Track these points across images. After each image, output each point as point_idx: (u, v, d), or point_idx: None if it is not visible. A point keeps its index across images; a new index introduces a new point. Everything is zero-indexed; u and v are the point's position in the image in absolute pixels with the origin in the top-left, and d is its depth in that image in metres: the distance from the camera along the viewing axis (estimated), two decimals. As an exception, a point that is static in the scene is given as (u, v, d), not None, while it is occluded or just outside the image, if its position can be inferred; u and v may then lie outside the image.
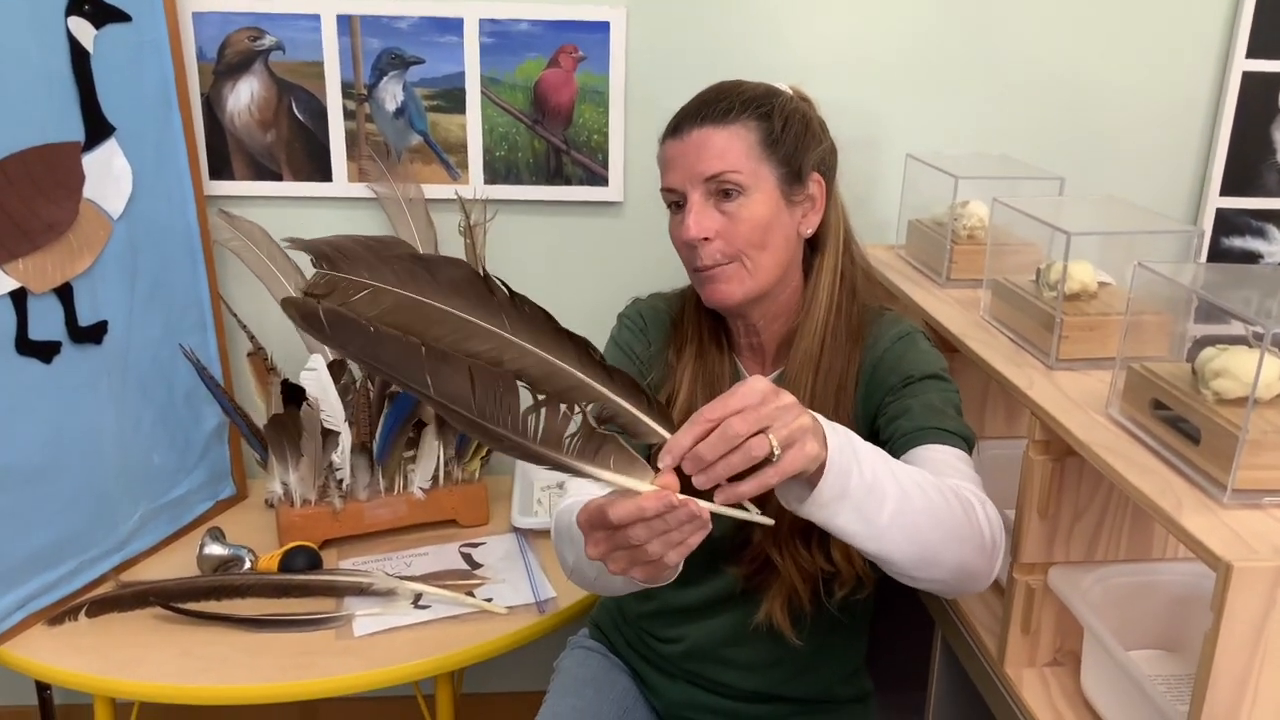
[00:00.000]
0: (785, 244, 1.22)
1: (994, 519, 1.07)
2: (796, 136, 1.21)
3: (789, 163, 1.20)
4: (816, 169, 1.23)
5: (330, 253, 0.84)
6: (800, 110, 1.23)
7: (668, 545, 0.88)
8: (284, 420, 1.64)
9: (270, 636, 1.52)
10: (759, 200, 1.19)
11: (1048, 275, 1.27)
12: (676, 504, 0.86)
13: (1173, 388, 1.01)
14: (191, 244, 1.73)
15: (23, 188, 1.43)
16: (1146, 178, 1.94)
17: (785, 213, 1.21)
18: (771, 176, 1.19)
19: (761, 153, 1.19)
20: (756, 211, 1.19)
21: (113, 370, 1.60)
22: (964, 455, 1.14)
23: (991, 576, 1.08)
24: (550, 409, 0.87)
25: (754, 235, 1.19)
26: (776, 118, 1.20)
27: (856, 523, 0.94)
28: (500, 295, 0.86)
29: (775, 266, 1.22)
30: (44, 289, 1.48)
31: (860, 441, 0.96)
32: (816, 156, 1.23)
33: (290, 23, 1.74)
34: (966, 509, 1.02)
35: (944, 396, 1.19)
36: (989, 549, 1.05)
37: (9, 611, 1.50)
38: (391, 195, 1.82)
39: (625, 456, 0.89)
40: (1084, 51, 1.87)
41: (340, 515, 1.71)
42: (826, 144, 1.26)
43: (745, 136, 1.18)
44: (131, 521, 1.67)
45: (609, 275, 1.91)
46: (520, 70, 1.79)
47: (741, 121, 1.19)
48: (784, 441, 0.86)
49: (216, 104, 1.78)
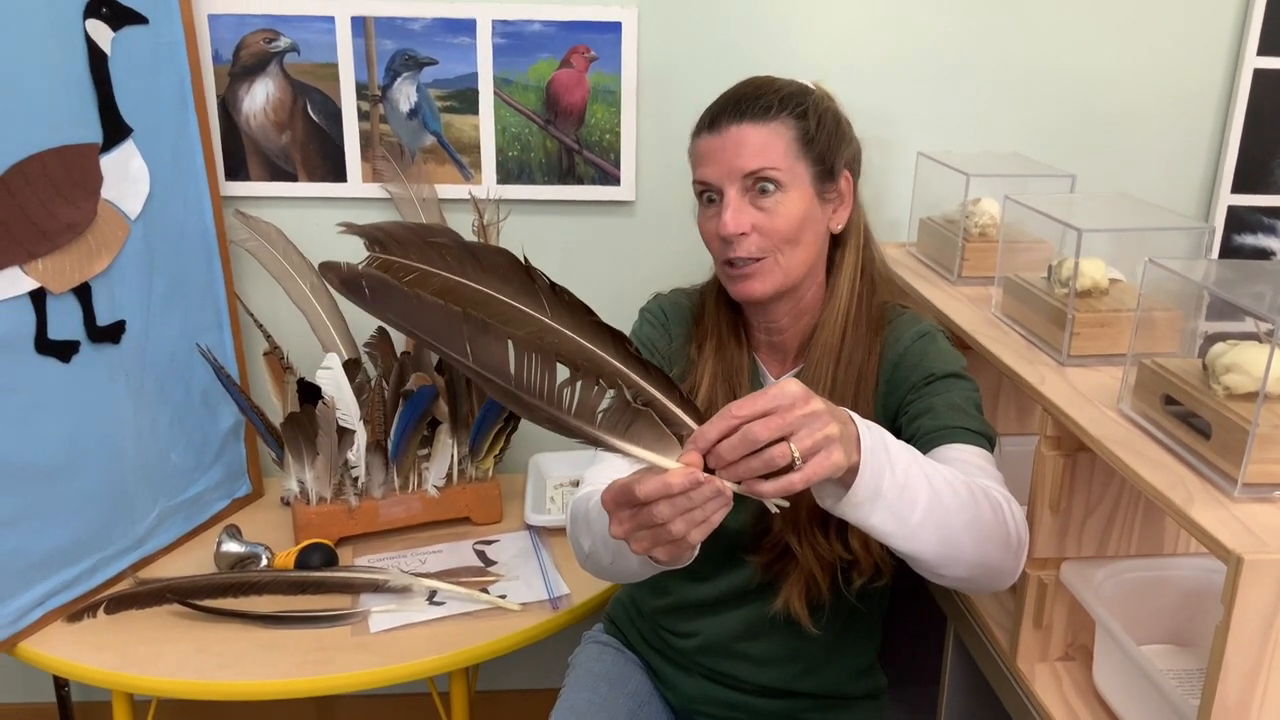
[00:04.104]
0: (815, 240, 1.24)
1: (1019, 517, 1.08)
2: (829, 135, 1.23)
3: (823, 160, 1.22)
4: (848, 166, 1.26)
5: (382, 238, 0.87)
6: (831, 108, 1.25)
7: (691, 523, 0.89)
8: (300, 419, 1.65)
9: (287, 633, 1.53)
10: (795, 197, 1.20)
11: (1059, 272, 1.28)
12: (702, 480, 0.87)
13: (1184, 383, 1.01)
14: (208, 244, 1.75)
15: (42, 189, 1.44)
16: (1158, 175, 1.94)
17: (818, 209, 1.23)
18: (807, 174, 1.21)
19: (798, 150, 1.20)
20: (792, 209, 1.20)
21: (130, 369, 1.61)
22: (986, 454, 1.14)
23: (1016, 574, 1.09)
24: (586, 383, 0.89)
25: (789, 231, 1.20)
26: (812, 115, 1.21)
27: (890, 522, 0.95)
28: (541, 283, 0.89)
29: (804, 262, 1.24)
30: (63, 289, 1.49)
31: (893, 440, 0.97)
32: (848, 154, 1.26)
33: (305, 24, 1.76)
34: (995, 508, 1.03)
35: (966, 395, 1.20)
36: (1015, 547, 1.06)
37: (28, 608, 1.51)
38: (405, 195, 1.83)
39: (656, 432, 0.91)
40: (1095, 49, 1.87)
41: (355, 513, 1.72)
42: (855, 142, 1.28)
43: (784, 134, 1.20)
44: (149, 519, 1.68)
45: (621, 274, 1.92)
46: (533, 71, 1.80)
47: (780, 119, 1.20)
48: (807, 451, 0.87)
49: (232, 105, 1.79)
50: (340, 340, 1.83)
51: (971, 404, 1.20)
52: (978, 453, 1.13)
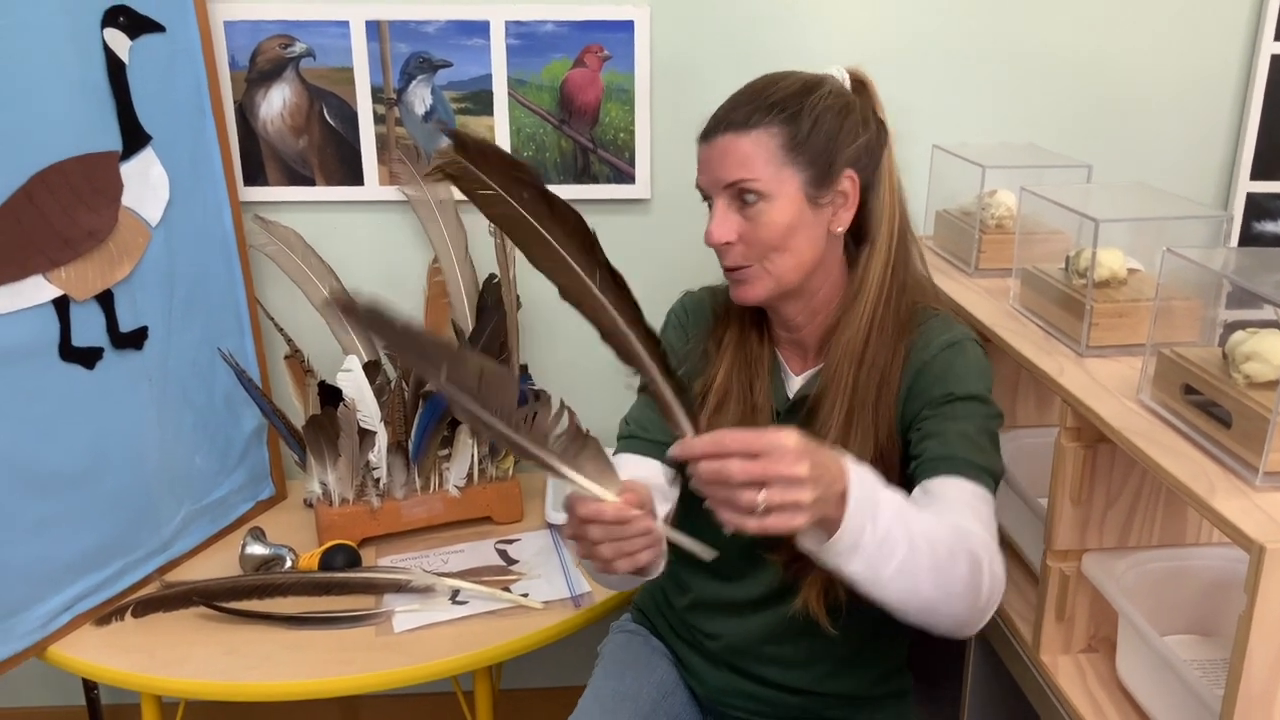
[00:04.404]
0: (810, 245, 1.21)
1: (998, 575, 1.08)
2: (828, 135, 1.18)
3: (816, 163, 1.18)
4: (852, 165, 1.20)
5: (472, 147, 0.91)
6: (837, 105, 1.20)
7: (618, 552, 0.98)
8: (322, 421, 1.66)
9: (312, 634, 1.54)
10: (780, 206, 1.19)
11: (1077, 263, 1.27)
12: (629, 518, 0.94)
13: (1204, 372, 1.01)
14: (228, 249, 1.76)
15: (63, 197, 1.46)
16: (1175, 163, 1.93)
17: (810, 214, 1.20)
18: (796, 179, 1.18)
19: (785, 157, 1.18)
20: (776, 218, 1.19)
21: (153, 375, 1.63)
22: (986, 495, 1.13)
23: (977, 628, 1.10)
24: (543, 408, 0.94)
25: (774, 240, 1.19)
26: (805, 119, 1.18)
27: (864, 572, 0.98)
28: (600, 256, 0.96)
29: (798, 268, 1.22)
30: (85, 296, 1.51)
31: (884, 494, 0.99)
32: (852, 153, 1.20)
33: (320, 29, 1.77)
34: (973, 569, 1.04)
35: (981, 424, 1.17)
36: (982, 607, 1.07)
37: (57, 612, 1.53)
38: (422, 197, 1.84)
39: (601, 464, 0.97)
40: (1110, 37, 1.86)
41: (378, 514, 1.74)
42: (867, 136, 1.22)
43: (767, 143, 1.18)
44: (174, 523, 1.70)
45: (637, 271, 1.88)
46: (546, 71, 1.81)
47: (764, 127, 1.18)
48: (773, 506, 0.89)
49: (249, 111, 1.81)
50: (360, 342, 1.84)
51: (985, 434, 1.17)
52: (976, 492, 1.12)
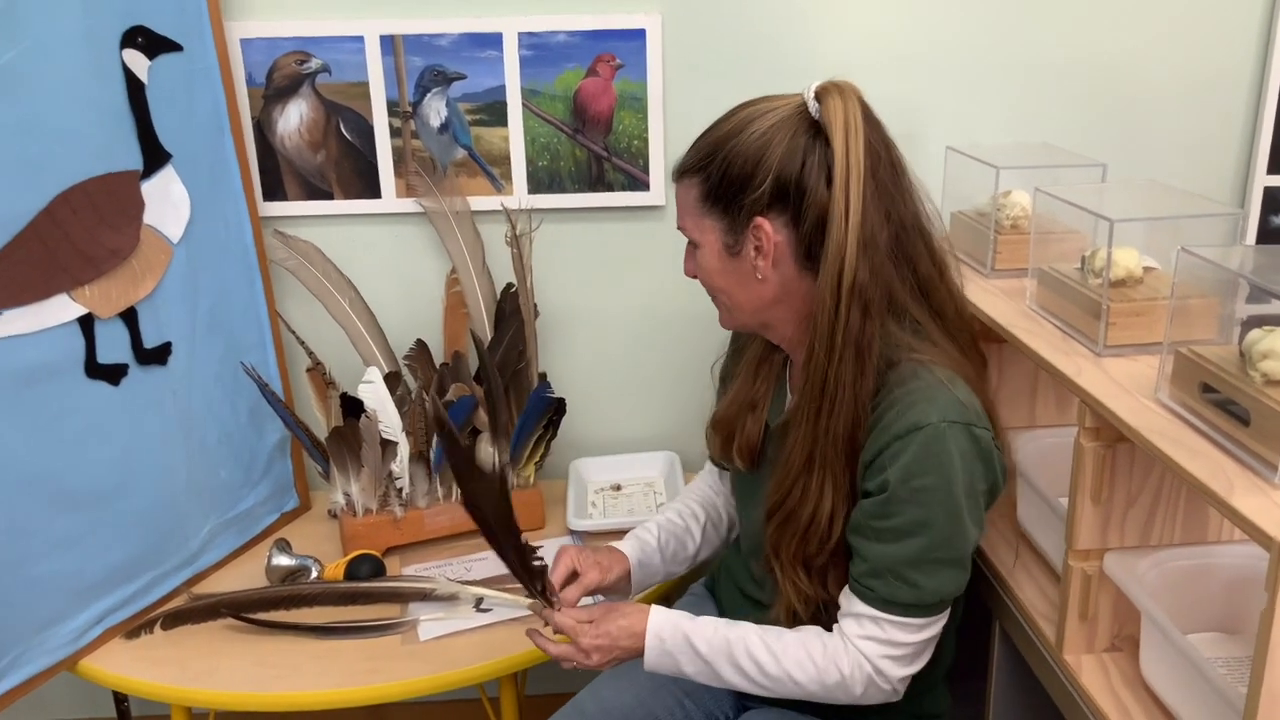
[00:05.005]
0: (745, 289, 1.20)
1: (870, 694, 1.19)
2: (737, 186, 1.15)
3: (728, 213, 1.17)
4: (766, 212, 1.14)
5: None
6: (753, 151, 1.14)
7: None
8: (344, 432, 1.68)
9: (339, 643, 1.56)
10: (705, 253, 1.22)
11: (1093, 262, 1.27)
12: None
13: (1221, 370, 1.01)
14: (249, 265, 1.78)
15: (86, 217, 1.48)
16: (1190, 160, 1.92)
17: (731, 263, 1.20)
18: (716, 228, 1.19)
19: (702, 208, 1.20)
20: (706, 263, 1.23)
21: (178, 390, 1.65)
22: (893, 618, 1.15)
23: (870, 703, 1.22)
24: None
25: (712, 283, 1.24)
26: (715, 171, 1.16)
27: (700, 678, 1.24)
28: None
29: (748, 303, 1.22)
30: (110, 314, 1.53)
31: (686, 645, 1.22)
32: (764, 199, 1.14)
33: (335, 45, 1.79)
34: (828, 691, 1.19)
35: (916, 554, 1.12)
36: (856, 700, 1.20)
37: (88, 626, 1.55)
38: (439, 209, 1.85)
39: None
40: (1122, 35, 1.86)
41: (401, 523, 1.75)
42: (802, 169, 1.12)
43: (688, 194, 1.21)
44: (201, 536, 1.71)
45: (653, 277, 1.93)
46: (559, 81, 1.82)
47: (686, 179, 1.21)
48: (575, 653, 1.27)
49: (267, 127, 1.83)
50: (380, 354, 1.86)
51: (917, 564, 1.12)
52: (876, 618, 1.16)
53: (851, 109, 1.12)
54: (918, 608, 1.15)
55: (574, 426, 1.94)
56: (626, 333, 1.99)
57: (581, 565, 1.36)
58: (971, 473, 1.12)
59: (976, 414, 1.13)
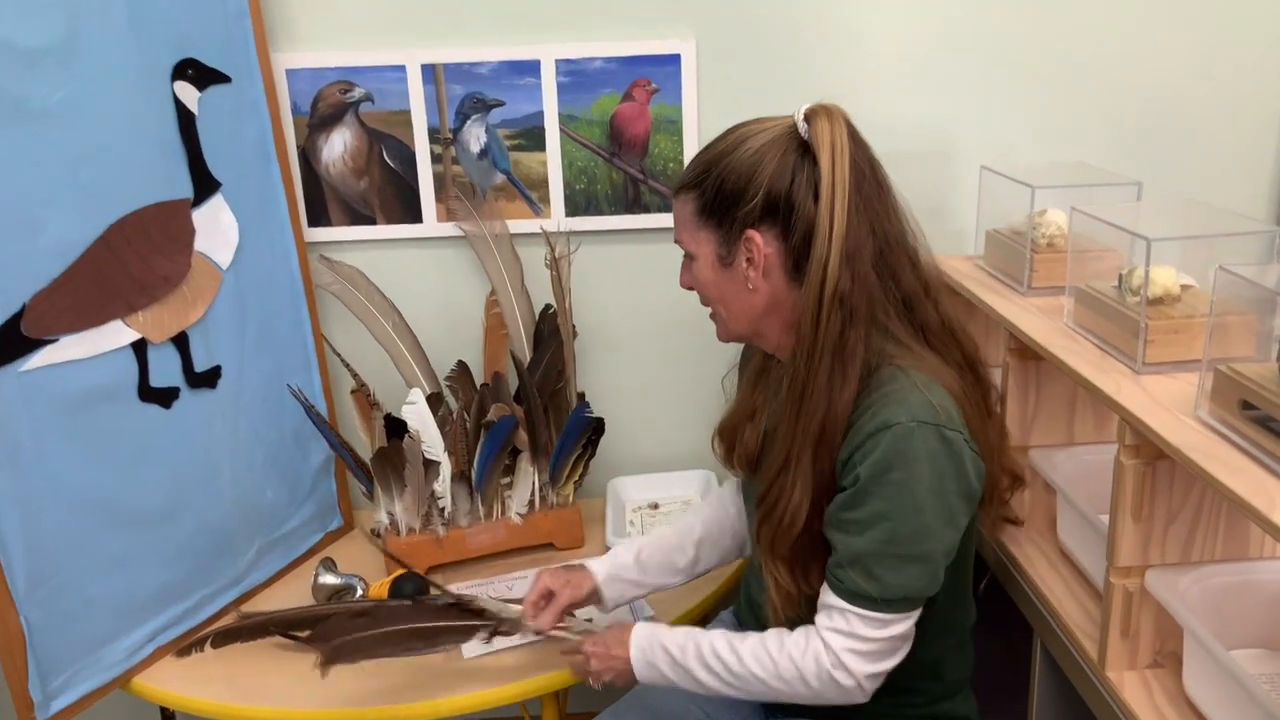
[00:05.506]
0: (738, 300, 1.26)
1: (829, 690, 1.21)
2: (730, 200, 1.21)
3: (721, 226, 1.23)
4: (757, 225, 1.20)
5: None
6: (744, 168, 1.19)
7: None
8: (389, 453, 1.71)
9: (384, 660, 1.57)
10: (700, 265, 1.27)
11: (1130, 280, 1.28)
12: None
13: (1260, 387, 1.02)
14: (295, 289, 1.82)
15: (140, 245, 1.52)
16: (1225, 177, 1.92)
17: (724, 274, 1.26)
18: (710, 241, 1.25)
19: (698, 221, 1.25)
20: (701, 275, 1.28)
21: (226, 412, 1.68)
22: (858, 611, 1.17)
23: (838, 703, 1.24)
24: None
25: (707, 294, 1.30)
26: (710, 185, 1.22)
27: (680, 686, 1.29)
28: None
29: (741, 315, 1.27)
30: (162, 339, 1.57)
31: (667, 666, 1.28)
32: (755, 213, 1.19)
33: (378, 74, 1.83)
34: (791, 685, 1.22)
35: (880, 547, 1.15)
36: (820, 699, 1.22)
37: (140, 644, 1.59)
38: (479, 233, 1.89)
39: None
40: (1157, 53, 1.87)
41: (444, 542, 1.77)
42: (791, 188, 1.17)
43: (685, 208, 1.27)
44: (249, 556, 1.75)
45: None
46: (596, 106, 1.85)
47: (683, 194, 1.27)
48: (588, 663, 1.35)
49: (312, 155, 1.87)
50: (422, 375, 1.89)
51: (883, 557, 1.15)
52: (847, 610, 1.18)
53: (838, 130, 1.17)
54: (881, 602, 1.16)
55: (612, 446, 1.96)
56: (663, 353, 2.01)
57: (555, 585, 1.45)
58: (940, 473, 1.14)
59: (949, 416, 1.15)
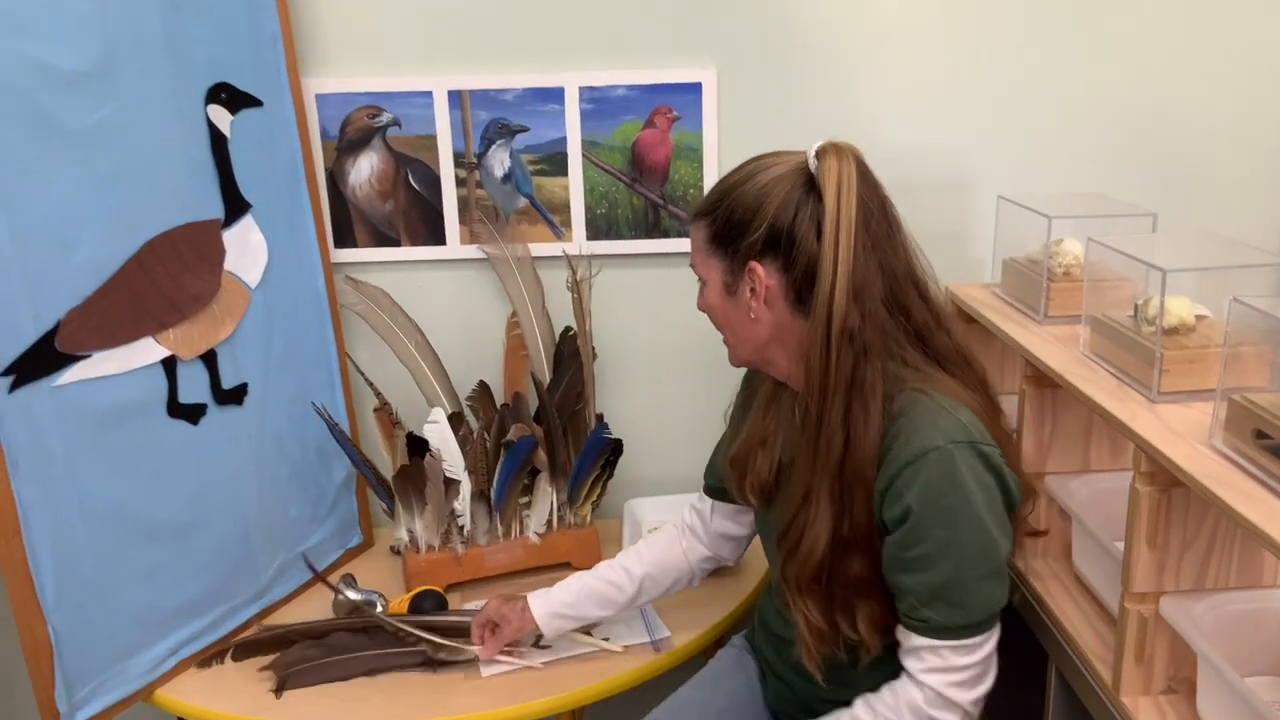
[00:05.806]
0: (745, 327, 1.28)
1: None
2: (737, 231, 1.24)
3: (728, 256, 1.26)
4: (760, 257, 1.22)
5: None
6: (752, 200, 1.22)
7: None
8: (410, 471, 1.73)
9: (403, 676, 1.59)
10: (710, 292, 1.31)
11: (1145, 310, 1.30)
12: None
13: (1274, 417, 1.03)
14: (320, 309, 1.84)
15: (171, 264, 1.55)
16: (1241, 209, 1.94)
17: (730, 302, 1.29)
18: (719, 269, 1.28)
19: (709, 249, 1.29)
20: (710, 301, 1.32)
21: (251, 429, 1.71)
22: (950, 643, 1.18)
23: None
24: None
25: (715, 319, 1.33)
26: (720, 215, 1.26)
27: None
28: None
29: (746, 340, 1.30)
30: (191, 356, 1.59)
31: None
32: (758, 245, 1.22)
33: (405, 100, 1.86)
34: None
35: (948, 576, 1.16)
36: None
37: (163, 657, 1.60)
38: (501, 255, 1.92)
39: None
40: (1172, 85, 1.89)
41: (463, 560, 1.79)
42: (795, 221, 1.19)
43: (698, 235, 1.30)
44: (271, 570, 1.77)
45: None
46: (618, 132, 1.89)
47: (698, 221, 1.30)
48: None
49: (340, 178, 1.90)
50: (444, 394, 1.91)
51: (954, 586, 1.16)
52: (934, 647, 1.18)
53: (846, 168, 1.19)
54: (969, 628, 1.18)
55: (629, 467, 1.98)
56: (681, 376, 2.03)
57: (498, 618, 1.57)
58: (987, 487, 1.17)
59: (980, 432, 1.17)
